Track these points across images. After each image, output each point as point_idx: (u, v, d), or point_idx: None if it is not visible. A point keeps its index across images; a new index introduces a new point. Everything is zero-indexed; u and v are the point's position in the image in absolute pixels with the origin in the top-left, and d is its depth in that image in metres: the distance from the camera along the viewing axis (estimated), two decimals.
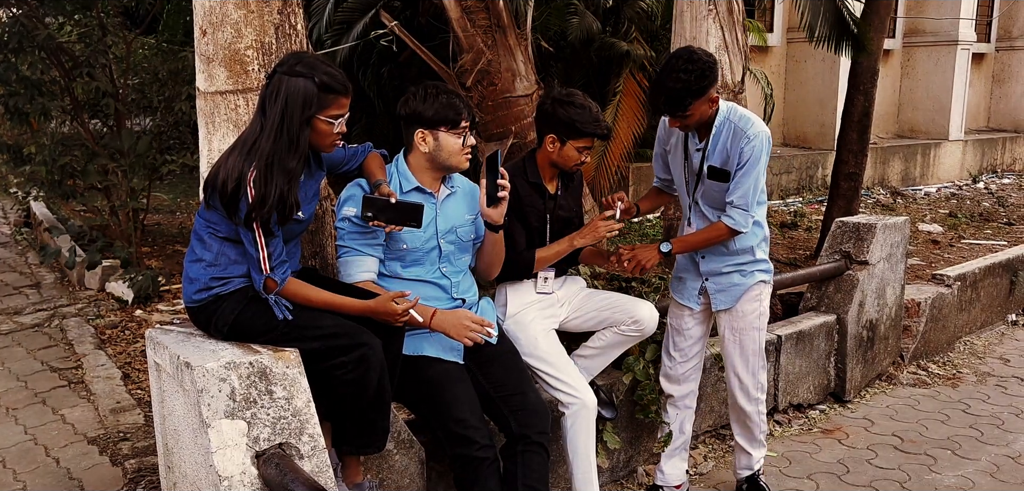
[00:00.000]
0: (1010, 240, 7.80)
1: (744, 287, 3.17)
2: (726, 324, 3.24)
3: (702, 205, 3.14)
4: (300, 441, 2.24)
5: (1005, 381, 4.89)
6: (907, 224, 4.90)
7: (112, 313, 5.56)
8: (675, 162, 3.20)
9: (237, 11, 2.65)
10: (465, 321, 2.62)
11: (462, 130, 2.67)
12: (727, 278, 3.18)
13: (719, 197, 3.07)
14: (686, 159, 3.14)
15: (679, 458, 3.47)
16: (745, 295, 3.18)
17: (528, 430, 2.71)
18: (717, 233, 3.07)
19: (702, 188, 3.11)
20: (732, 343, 3.25)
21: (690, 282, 3.27)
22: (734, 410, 3.37)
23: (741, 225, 3.03)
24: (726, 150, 3.00)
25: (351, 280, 2.66)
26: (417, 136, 2.68)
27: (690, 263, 3.26)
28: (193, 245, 2.44)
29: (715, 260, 3.18)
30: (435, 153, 2.69)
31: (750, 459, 3.43)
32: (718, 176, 3.03)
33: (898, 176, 12.24)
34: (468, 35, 5.40)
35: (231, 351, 2.30)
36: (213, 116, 2.71)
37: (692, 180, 3.14)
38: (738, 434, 3.42)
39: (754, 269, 3.17)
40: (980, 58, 14.53)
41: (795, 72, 12.43)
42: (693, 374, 3.40)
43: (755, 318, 3.22)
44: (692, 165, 3.12)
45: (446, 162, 2.71)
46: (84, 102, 6.80)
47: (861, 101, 6.80)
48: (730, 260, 3.16)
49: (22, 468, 3.61)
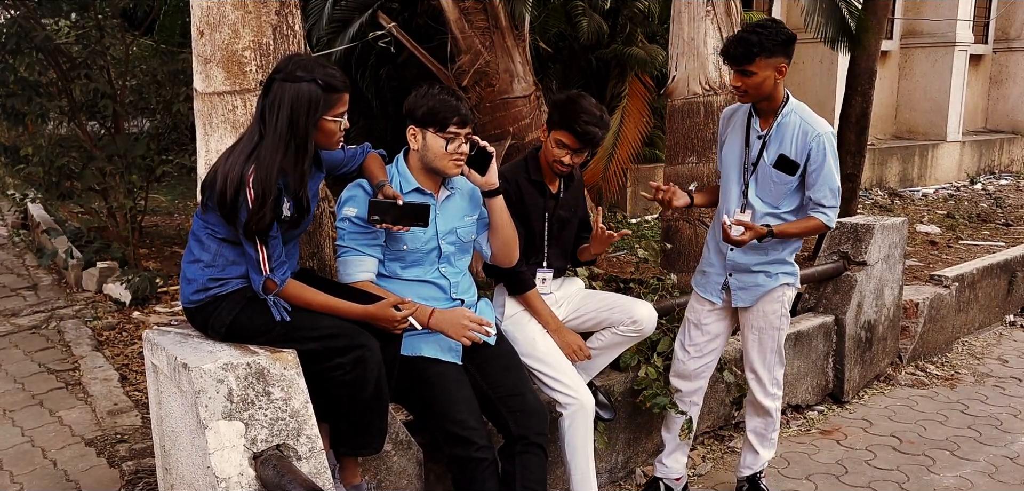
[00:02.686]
0: (1008, 241, 7.81)
1: (766, 288, 3.15)
2: (746, 321, 3.24)
3: (753, 196, 3.07)
4: (298, 442, 2.24)
5: (1003, 382, 4.89)
6: (905, 225, 4.90)
7: (109, 315, 5.55)
8: (730, 150, 3.13)
9: (235, 12, 2.64)
10: (463, 320, 2.61)
11: (449, 134, 2.61)
12: (752, 277, 3.15)
13: (776, 190, 3.02)
14: (746, 146, 3.08)
15: (680, 452, 3.47)
16: (768, 296, 3.16)
17: (526, 431, 2.71)
18: (813, 225, 3.04)
19: (758, 178, 3.04)
20: (752, 340, 3.25)
21: (714, 276, 3.24)
22: (753, 406, 3.36)
23: (833, 221, 3.03)
24: (794, 143, 2.96)
25: (350, 280, 2.65)
26: (409, 132, 2.68)
27: (717, 256, 3.21)
28: (191, 246, 2.44)
29: (746, 257, 3.12)
30: (423, 153, 2.67)
31: (757, 459, 3.42)
32: (785, 166, 2.97)
33: (896, 177, 12.25)
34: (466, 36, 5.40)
35: (229, 352, 2.30)
36: (211, 117, 2.71)
37: (749, 168, 3.07)
38: (751, 431, 3.40)
39: (779, 272, 3.15)
40: (978, 60, 14.54)
41: (792, 73, 12.41)
42: (705, 372, 3.38)
43: (776, 318, 3.20)
44: (751, 153, 3.06)
45: (432, 164, 2.68)
46: (82, 103, 6.78)
47: (859, 102, 6.81)
48: (761, 260, 3.11)
49: (19, 470, 3.60)
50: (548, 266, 3.15)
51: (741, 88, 2.93)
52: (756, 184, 3.06)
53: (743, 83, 2.91)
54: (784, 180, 3.00)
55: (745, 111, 3.10)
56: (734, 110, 3.18)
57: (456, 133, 2.62)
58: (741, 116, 3.12)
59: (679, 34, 4.93)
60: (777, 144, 2.99)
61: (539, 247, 3.11)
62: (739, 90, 2.95)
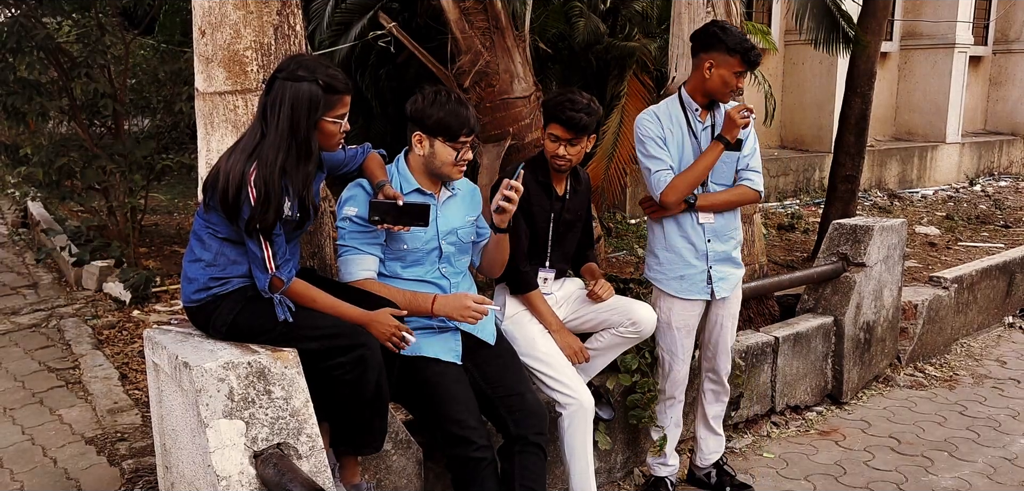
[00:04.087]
0: (1007, 242, 7.82)
1: (738, 277, 3.37)
2: (723, 311, 3.36)
3: (711, 183, 3.23)
4: (298, 441, 2.24)
5: (1002, 383, 4.90)
6: (904, 226, 4.91)
7: (110, 313, 5.56)
8: (676, 145, 3.21)
9: (236, 12, 2.65)
10: (467, 301, 2.66)
11: (459, 144, 2.67)
12: (728, 266, 3.31)
13: (728, 170, 3.23)
14: (694, 138, 3.21)
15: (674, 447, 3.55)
16: (739, 283, 3.40)
17: (525, 431, 2.72)
18: (741, 194, 3.26)
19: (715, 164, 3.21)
20: (728, 328, 3.41)
21: (696, 275, 3.26)
22: (715, 393, 3.51)
23: (761, 187, 3.27)
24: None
25: (352, 278, 2.66)
26: (415, 137, 2.70)
27: (694, 255, 3.24)
28: (192, 245, 2.44)
29: (723, 243, 3.27)
30: (429, 159, 2.70)
31: (721, 442, 3.59)
32: (733, 146, 3.17)
33: (895, 178, 12.26)
34: (466, 36, 5.40)
35: (229, 351, 2.30)
36: (212, 117, 2.72)
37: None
38: (714, 418, 3.54)
39: (739, 258, 3.38)
40: (977, 61, 14.56)
41: (792, 75, 12.45)
42: (687, 369, 3.46)
43: (739, 302, 3.45)
44: (700, 143, 3.20)
45: (438, 170, 2.72)
46: (82, 103, 6.79)
47: (858, 103, 6.81)
48: (734, 241, 3.31)
49: (19, 468, 3.60)
50: (550, 266, 3.16)
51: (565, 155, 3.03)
52: (713, 170, 3.21)
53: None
54: (733, 158, 3.22)
55: (676, 108, 3.22)
56: (666, 108, 3.26)
57: (464, 142, 2.67)
58: (674, 113, 3.22)
59: (679, 35, 4.93)
60: (718, 132, 3.19)
61: (542, 247, 3.13)
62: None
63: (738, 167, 3.24)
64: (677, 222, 3.23)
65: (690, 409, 3.74)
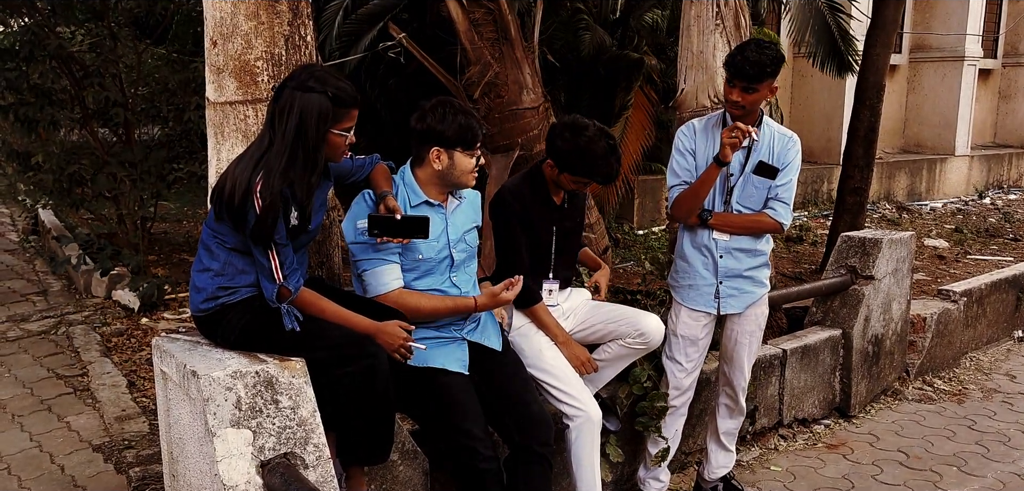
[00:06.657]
0: (1016, 256, 7.78)
1: (756, 296, 3.31)
2: (738, 327, 3.34)
3: (736, 203, 3.21)
4: (305, 451, 2.25)
5: (1012, 398, 4.87)
6: (913, 239, 4.89)
7: (118, 321, 5.58)
8: (705, 159, 3.20)
9: (247, 22, 2.67)
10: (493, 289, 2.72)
11: (475, 152, 2.70)
12: (742, 283, 3.27)
13: (758, 195, 3.19)
14: None
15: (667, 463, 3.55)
16: (760, 302, 3.33)
17: (531, 441, 2.71)
18: (760, 222, 3.21)
19: (743, 185, 3.18)
20: (744, 345, 3.37)
21: (705, 287, 3.28)
22: (729, 409, 3.49)
23: (785, 219, 3.20)
24: (771, 149, 3.17)
25: (386, 289, 2.65)
26: (432, 153, 2.67)
27: (706, 268, 3.26)
28: (200, 255, 2.46)
29: (736, 261, 3.24)
30: (447, 171, 2.69)
31: (731, 458, 3.56)
32: (766, 172, 3.16)
33: (904, 191, 12.23)
34: (475, 47, 5.42)
35: (237, 360, 2.31)
36: (222, 126, 2.73)
37: (732, 177, 3.19)
38: (725, 434, 3.52)
39: (764, 277, 3.32)
40: (986, 74, 14.52)
41: (801, 87, 12.44)
42: (694, 383, 3.46)
43: (764, 321, 3.39)
44: (732, 164, 3.17)
45: (457, 180, 2.73)
46: (94, 111, 6.84)
47: (867, 116, 6.80)
48: (749, 263, 3.26)
49: (27, 475, 3.62)
50: (554, 277, 3.16)
51: (740, 103, 3.02)
52: (740, 191, 3.19)
53: (745, 100, 3.02)
54: (766, 184, 3.18)
55: (718, 125, 3.19)
56: (705, 124, 3.24)
57: (478, 148, 2.71)
58: (713, 130, 3.20)
59: (688, 47, 4.93)
60: (757, 153, 3.16)
61: (546, 259, 3.13)
62: (737, 106, 3.03)
63: (768, 194, 3.19)
64: (693, 234, 3.27)
65: (700, 422, 3.73)
